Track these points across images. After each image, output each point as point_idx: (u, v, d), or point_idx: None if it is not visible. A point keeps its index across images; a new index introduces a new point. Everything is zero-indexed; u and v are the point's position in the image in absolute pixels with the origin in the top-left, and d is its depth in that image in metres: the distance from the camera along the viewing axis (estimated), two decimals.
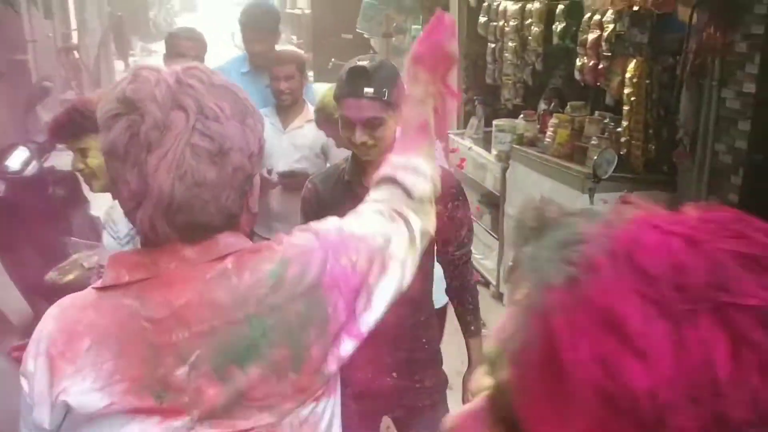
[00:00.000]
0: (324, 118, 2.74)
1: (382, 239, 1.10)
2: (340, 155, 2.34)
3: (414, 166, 1.23)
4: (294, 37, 15.80)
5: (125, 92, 0.94)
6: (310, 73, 12.63)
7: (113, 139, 0.94)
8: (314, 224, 1.11)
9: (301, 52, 3.22)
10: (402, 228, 1.14)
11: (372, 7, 6.47)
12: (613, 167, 2.82)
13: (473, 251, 2.13)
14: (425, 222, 1.19)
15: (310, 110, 3.13)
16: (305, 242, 1.05)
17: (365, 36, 6.94)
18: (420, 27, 6.68)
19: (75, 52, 8.08)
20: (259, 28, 3.37)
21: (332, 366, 1.03)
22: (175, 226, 0.96)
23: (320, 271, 1.02)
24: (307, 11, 12.35)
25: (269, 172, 3.06)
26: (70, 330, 0.97)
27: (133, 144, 0.93)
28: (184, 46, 3.13)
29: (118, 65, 16.36)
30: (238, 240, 1.04)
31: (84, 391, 0.95)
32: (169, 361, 0.96)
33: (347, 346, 1.04)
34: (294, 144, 3.15)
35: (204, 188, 0.95)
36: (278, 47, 3.41)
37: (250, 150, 1.00)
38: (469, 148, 4.95)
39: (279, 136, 3.14)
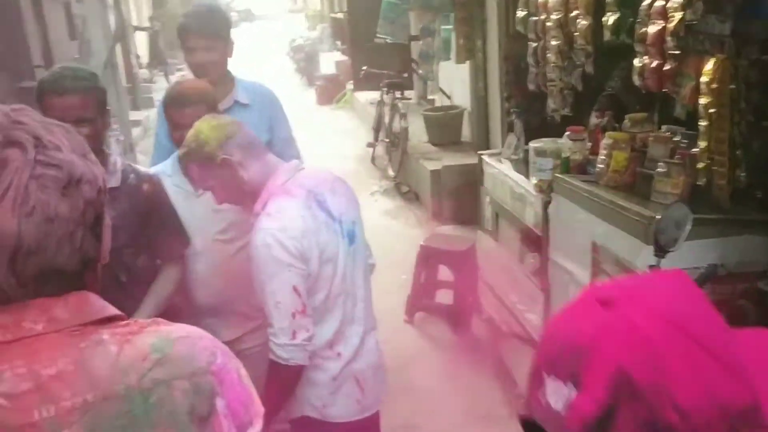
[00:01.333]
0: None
1: None
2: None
3: None
4: (338, 42, 15.26)
5: None
6: (350, 84, 12.00)
7: None
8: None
9: (208, 86, 2.41)
10: None
11: (393, 8, 5.64)
12: (687, 232, 1.88)
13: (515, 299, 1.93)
14: None
15: None
16: (191, 330, 1.00)
17: (389, 41, 6.10)
18: (451, 27, 5.81)
19: None
20: (205, 32, 2.64)
21: None
22: (23, 277, 0.86)
23: (209, 362, 0.96)
24: None
25: None
26: None
27: None
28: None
29: (160, 82, 16.10)
30: (105, 304, 0.96)
31: None
32: None
33: None
34: (214, 209, 2.33)
35: (56, 224, 0.87)
36: (185, 82, 2.59)
37: (98, 185, 0.94)
38: (505, 175, 4.04)
39: (190, 202, 2.37)
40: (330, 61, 15.30)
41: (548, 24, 3.88)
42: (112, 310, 0.97)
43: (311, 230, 1.99)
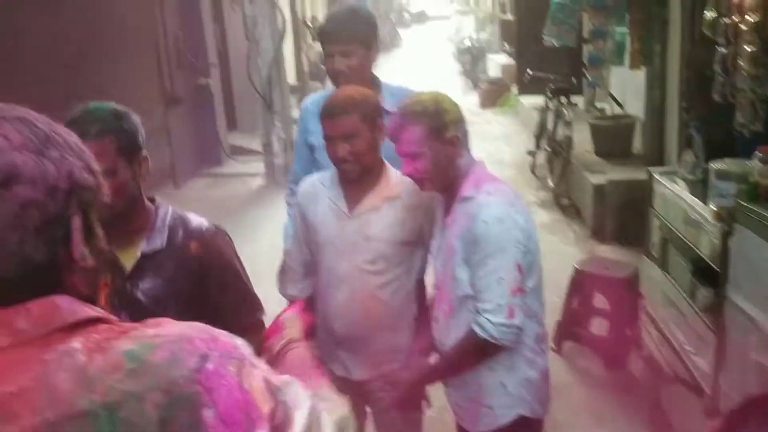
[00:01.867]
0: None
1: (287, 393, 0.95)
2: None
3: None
4: (506, 45, 14.89)
5: None
6: (514, 87, 11.62)
7: None
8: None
9: (367, 92, 2.19)
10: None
11: (562, 9, 5.25)
12: None
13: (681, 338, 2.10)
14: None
15: (392, 180, 2.19)
16: (185, 330, 0.90)
17: (556, 44, 5.70)
18: (626, 30, 5.32)
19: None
20: (344, 37, 2.45)
21: None
22: None
23: (196, 368, 0.85)
24: None
25: None
26: None
27: None
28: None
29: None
30: (80, 307, 0.88)
31: None
32: None
33: None
34: (365, 235, 2.17)
35: None
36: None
37: (50, 183, 0.86)
38: (679, 197, 3.57)
39: (342, 222, 2.20)
40: (496, 64, 14.97)
41: (742, 27, 3.44)
42: (88, 313, 0.88)
43: (528, 213, 2.05)
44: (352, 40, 2.45)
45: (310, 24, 16.63)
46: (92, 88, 6.32)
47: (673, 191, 3.69)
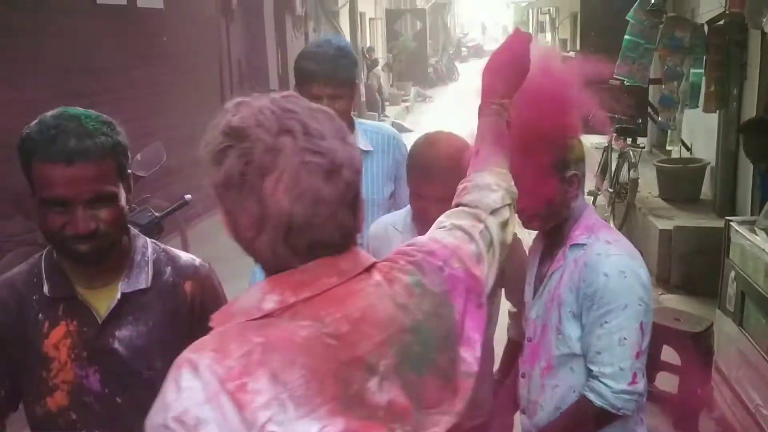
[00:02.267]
0: None
1: (470, 242, 1.19)
2: None
3: (476, 183, 1.31)
4: None
5: (231, 124, 0.98)
6: None
7: (228, 169, 0.96)
8: (419, 238, 1.21)
9: (463, 145, 1.76)
10: (478, 233, 1.22)
11: (636, 48, 5.08)
12: None
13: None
14: (503, 230, 1.27)
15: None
16: (424, 249, 1.14)
17: (626, 83, 5.53)
18: (701, 72, 5.13)
19: None
20: (335, 80, 2.21)
21: (476, 367, 1.09)
22: (296, 248, 0.98)
23: (443, 277, 1.10)
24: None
25: None
26: (245, 363, 0.93)
27: (248, 171, 0.95)
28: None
29: (387, 110, 16.58)
30: (366, 255, 1.09)
31: (290, 420, 0.92)
32: (360, 375, 0.98)
33: (476, 345, 1.11)
34: None
35: (322, 206, 0.98)
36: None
37: (355, 166, 1.04)
38: (761, 248, 3.35)
39: None
40: None
41: None
42: (371, 258, 1.09)
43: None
44: (343, 83, 2.24)
45: (367, 55, 16.78)
46: (157, 106, 6.42)
47: (753, 242, 3.47)
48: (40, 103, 1.79)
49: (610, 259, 1.76)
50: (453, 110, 19.49)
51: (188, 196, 3.72)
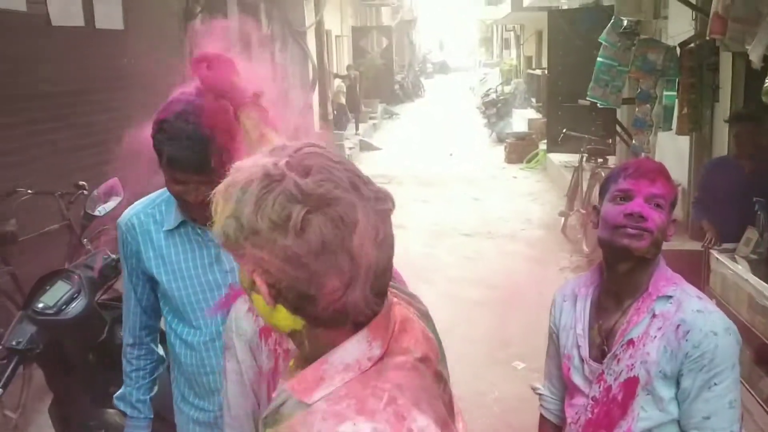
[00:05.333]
0: None
1: None
2: None
3: None
4: (533, 100, 14.78)
5: (302, 188, 0.94)
6: (543, 144, 11.42)
7: (320, 236, 0.94)
8: None
9: None
10: None
11: (609, 70, 5.04)
12: None
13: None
14: None
15: None
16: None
17: (600, 105, 5.49)
18: (674, 94, 5.10)
19: None
20: (187, 166, 1.83)
21: None
22: (380, 293, 1.02)
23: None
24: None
25: None
26: (394, 411, 0.96)
27: (339, 232, 0.95)
28: None
29: (350, 128, 16.42)
30: None
31: None
32: (440, 388, 1.09)
33: None
34: None
35: (392, 249, 1.02)
36: None
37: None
38: (744, 279, 3.28)
39: None
40: (522, 118, 14.83)
41: None
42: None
43: None
44: (208, 173, 1.79)
45: (347, 73, 16.58)
46: (119, 132, 6.18)
47: (734, 272, 3.41)
48: None
49: (712, 317, 1.62)
50: (420, 126, 19.53)
51: None
